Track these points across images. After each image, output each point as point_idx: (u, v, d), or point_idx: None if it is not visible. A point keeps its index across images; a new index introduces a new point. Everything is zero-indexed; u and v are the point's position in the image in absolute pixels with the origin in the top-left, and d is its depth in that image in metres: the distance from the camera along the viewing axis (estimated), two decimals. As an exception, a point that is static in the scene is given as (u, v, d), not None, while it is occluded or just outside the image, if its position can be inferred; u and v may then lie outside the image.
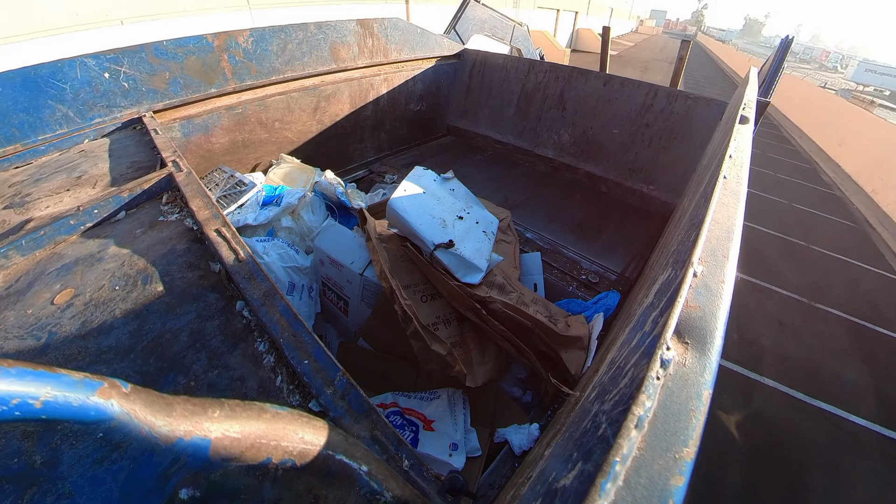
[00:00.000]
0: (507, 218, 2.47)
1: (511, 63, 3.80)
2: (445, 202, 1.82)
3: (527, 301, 1.70)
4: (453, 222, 1.72)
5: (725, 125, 1.97)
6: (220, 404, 0.57)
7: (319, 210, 2.33)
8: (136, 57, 1.96)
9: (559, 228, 2.75)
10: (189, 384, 0.85)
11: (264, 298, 1.00)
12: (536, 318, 1.51)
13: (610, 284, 2.20)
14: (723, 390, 3.40)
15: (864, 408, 3.43)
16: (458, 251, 1.58)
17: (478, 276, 1.59)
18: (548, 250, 2.41)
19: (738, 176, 1.11)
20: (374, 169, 3.31)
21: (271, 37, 2.49)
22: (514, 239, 2.34)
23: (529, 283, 2.16)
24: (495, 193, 3.05)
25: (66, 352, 0.89)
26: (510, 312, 1.48)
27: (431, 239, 1.57)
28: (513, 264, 2.11)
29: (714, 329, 0.62)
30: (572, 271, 2.26)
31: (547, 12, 22.17)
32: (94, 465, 0.46)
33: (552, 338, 1.51)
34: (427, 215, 1.66)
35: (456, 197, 1.93)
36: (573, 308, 1.98)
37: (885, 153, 7.91)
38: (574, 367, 1.47)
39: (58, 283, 1.07)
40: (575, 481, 0.47)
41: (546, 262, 2.29)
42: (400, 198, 1.66)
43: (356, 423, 0.79)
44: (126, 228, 1.30)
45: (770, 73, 2.76)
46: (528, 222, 2.72)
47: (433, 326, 1.51)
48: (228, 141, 2.47)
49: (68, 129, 1.81)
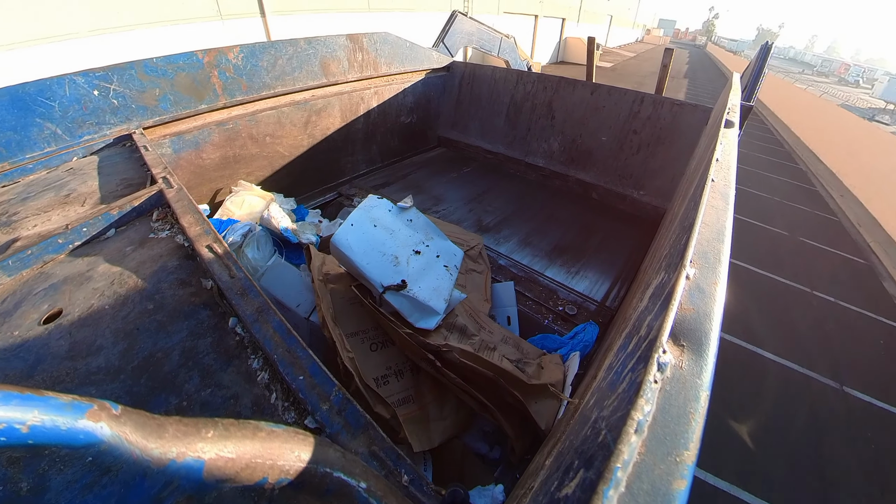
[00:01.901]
0: (479, 245, 2.31)
1: (499, 74, 3.86)
2: (400, 235, 1.63)
3: (494, 342, 1.54)
4: (408, 258, 1.54)
5: (711, 129, 2.01)
6: (213, 424, 0.55)
7: (265, 246, 2.10)
8: (126, 74, 1.96)
9: (537, 251, 2.61)
10: (181, 404, 0.83)
11: (257, 314, 0.99)
12: (500, 368, 1.34)
13: (589, 315, 2.07)
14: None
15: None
16: (411, 292, 1.40)
17: (433, 320, 1.41)
18: (522, 278, 2.27)
19: (725, 178, 1.13)
20: (343, 192, 3.15)
21: (261, 52, 2.51)
22: (486, 268, 2.18)
23: (502, 315, 2.01)
24: (478, 207, 3.02)
25: (54, 373, 0.87)
26: (468, 362, 1.30)
27: (380, 280, 1.40)
28: (483, 297, 1.96)
29: (709, 330, 0.62)
30: (548, 302, 2.12)
31: (520, 18, 18.50)
32: (83, 490, 0.45)
33: (520, 388, 1.33)
34: (376, 252, 1.49)
35: (414, 228, 1.72)
36: (548, 345, 1.82)
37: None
38: (545, 420, 1.31)
39: (45, 302, 1.05)
40: (577, 490, 0.47)
41: (520, 293, 2.14)
42: (345, 233, 1.48)
43: (354, 439, 0.77)
44: (116, 246, 1.29)
45: (752, 78, 2.83)
46: (506, 240, 2.63)
47: (383, 379, 1.36)
48: (219, 156, 2.47)
49: (57, 146, 1.80)
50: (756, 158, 10.09)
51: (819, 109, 12.01)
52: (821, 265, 5.67)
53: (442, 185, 3.43)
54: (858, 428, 3.27)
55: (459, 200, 3.17)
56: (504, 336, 1.64)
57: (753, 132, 12.59)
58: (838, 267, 5.70)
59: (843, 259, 5.88)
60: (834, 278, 5.35)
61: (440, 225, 2.43)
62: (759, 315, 4.47)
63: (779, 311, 4.59)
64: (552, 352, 1.72)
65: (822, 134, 10.34)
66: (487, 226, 2.85)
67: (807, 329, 4.36)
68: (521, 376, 1.35)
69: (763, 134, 12.81)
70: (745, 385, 3.55)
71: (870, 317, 4.70)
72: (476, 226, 2.83)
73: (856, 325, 4.54)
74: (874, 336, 4.41)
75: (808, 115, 12.11)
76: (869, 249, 6.15)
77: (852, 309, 4.77)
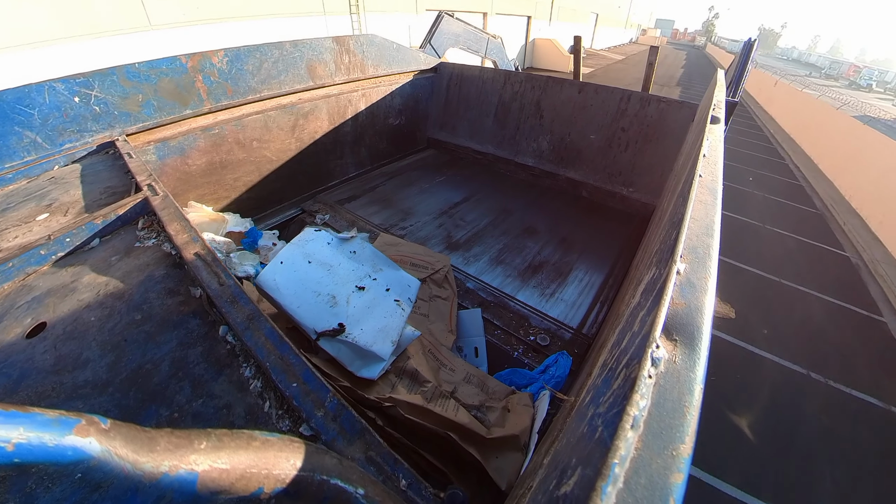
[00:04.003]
0: (445, 267, 2.12)
1: (487, 74, 3.87)
2: (340, 271, 1.46)
3: (454, 383, 1.39)
4: (348, 297, 1.37)
5: (698, 126, 2.04)
6: (206, 435, 0.54)
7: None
8: (108, 80, 1.92)
9: (510, 270, 2.41)
10: (173, 416, 0.82)
11: (248, 322, 0.98)
12: (454, 422, 1.19)
13: (563, 345, 1.88)
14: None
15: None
16: (350, 337, 1.24)
17: (377, 368, 1.24)
18: (492, 303, 2.09)
19: (713, 173, 1.15)
20: (306, 207, 2.97)
21: (246, 56, 2.48)
22: (452, 293, 1.99)
23: (469, 346, 1.84)
24: (449, 221, 2.90)
25: (40, 389, 0.85)
26: (415, 419, 1.15)
27: (313, 325, 1.24)
28: (448, 327, 1.79)
29: (701, 324, 0.63)
30: (519, 331, 1.94)
31: (462, 17, 14.41)
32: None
33: (477, 444, 1.19)
34: (309, 293, 1.31)
35: (358, 260, 1.55)
36: (517, 381, 1.65)
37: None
38: (506, 478, 1.15)
39: (29, 316, 1.02)
40: (576, 487, 0.47)
41: (488, 321, 1.96)
42: (272, 272, 1.30)
43: (350, 445, 0.77)
44: (100, 256, 1.26)
45: (736, 75, 2.88)
46: (477, 259, 2.47)
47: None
48: (205, 162, 2.44)
49: (37, 155, 1.76)
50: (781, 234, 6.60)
51: (849, 133, 9.09)
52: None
53: (413, 197, 3.23)
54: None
55: (430, 213, 2.99)
56: (468, 374, 1.50)
57: (773, 183, 8.73)
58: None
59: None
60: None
61: (404, 245, 2.31)
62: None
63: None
64: (522, 389, 1.58)
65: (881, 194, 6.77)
66: (457, 242, 2.67)
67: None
68: (479, 430, 1.22)
69: (788, 181, 8.92)
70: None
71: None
72: (445, 242, 2.65)
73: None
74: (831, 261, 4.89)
75: (839, 144, 9.25)
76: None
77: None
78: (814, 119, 11.48)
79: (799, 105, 13.32)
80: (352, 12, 9.99)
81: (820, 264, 5.72)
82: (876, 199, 6.93)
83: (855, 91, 35.98)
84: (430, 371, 1.38)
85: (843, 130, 9.53)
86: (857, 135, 8.78)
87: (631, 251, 2.59)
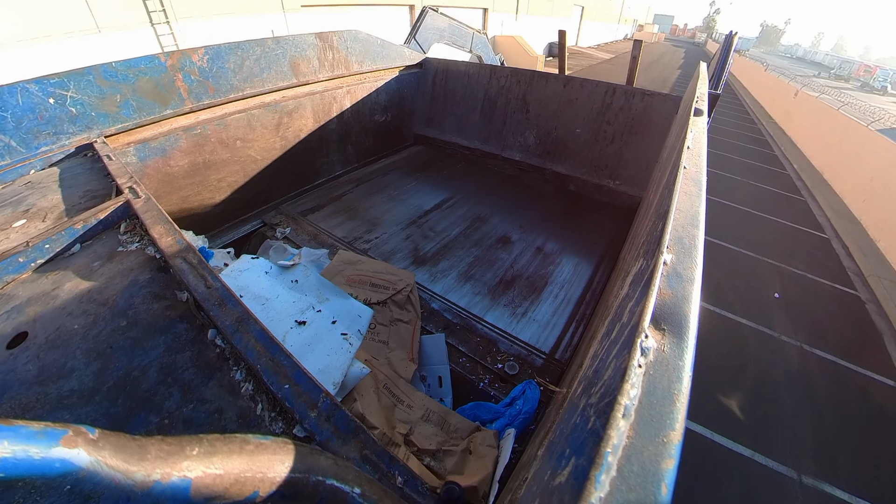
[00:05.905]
0: (409, 286, 1.95)
1: (473, 69, 3.86)
2: (277, 304, 1.31)
3: (411, 422, 1.25)
4: (285, 334, 1.25)
5: (681, 118, 2.07)
6: (198, 441, 0.54)
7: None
8: (84, 80, 1.87)
9: (480, 287, 2.24)
10: (163, 422, 0.81)
11: (237, 324, 0.96)
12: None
13: (534, 372, 1.75)
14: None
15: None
16: None
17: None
18: (458, 326, 1.93)
19: (697, 165, 1.17)
20: (267, 220, 2.75)
21: (227, 53, 2.43)
22: (415, 315, 1.84)
23: (433, 374, 1.70)
24: (417, 231, 2.74)
25: (23, 400, 0.82)
26: None
27: None
28: (409, 355, 1.64)
29: (688, 313, 0.64)
30: (486, 358, 1.78)
31: (383, 11, 11.98)
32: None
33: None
34: None
35: (300, 291, 1.38)
36: (481, 415, 1.51)
37: None
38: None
39: (9, 326, 0.99)
40: (570, 477, 0.48)
41: (453, 347, 1.81)
42: None
43: (344, 445, 0.76)
44: (82, 262, 1.23)
45: (718, 68, 2.93)
46: (444, 275, 2.32)
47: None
48: (188, 163, 2.39)
49: (11, 159, 1.70)
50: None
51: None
52: None
53: (382, 205, 3.03)
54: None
55: (398, 223, 2.81)
56: (427, 411, 1.37)
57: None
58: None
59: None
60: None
61: (364, 263, 2.08)
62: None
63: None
64: (487, 424, 1.44)
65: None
66: (425, 256, 2.47)
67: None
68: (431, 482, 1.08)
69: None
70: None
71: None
72: (412, 257, 2.46)
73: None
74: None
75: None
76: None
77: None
78: (859, 155, 6.84)
79: (831, 127, 8.55)
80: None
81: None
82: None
83: (869, 94, 32.40)
84: (380, 413, 1.24)
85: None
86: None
87: (614, 254, 2.57)
